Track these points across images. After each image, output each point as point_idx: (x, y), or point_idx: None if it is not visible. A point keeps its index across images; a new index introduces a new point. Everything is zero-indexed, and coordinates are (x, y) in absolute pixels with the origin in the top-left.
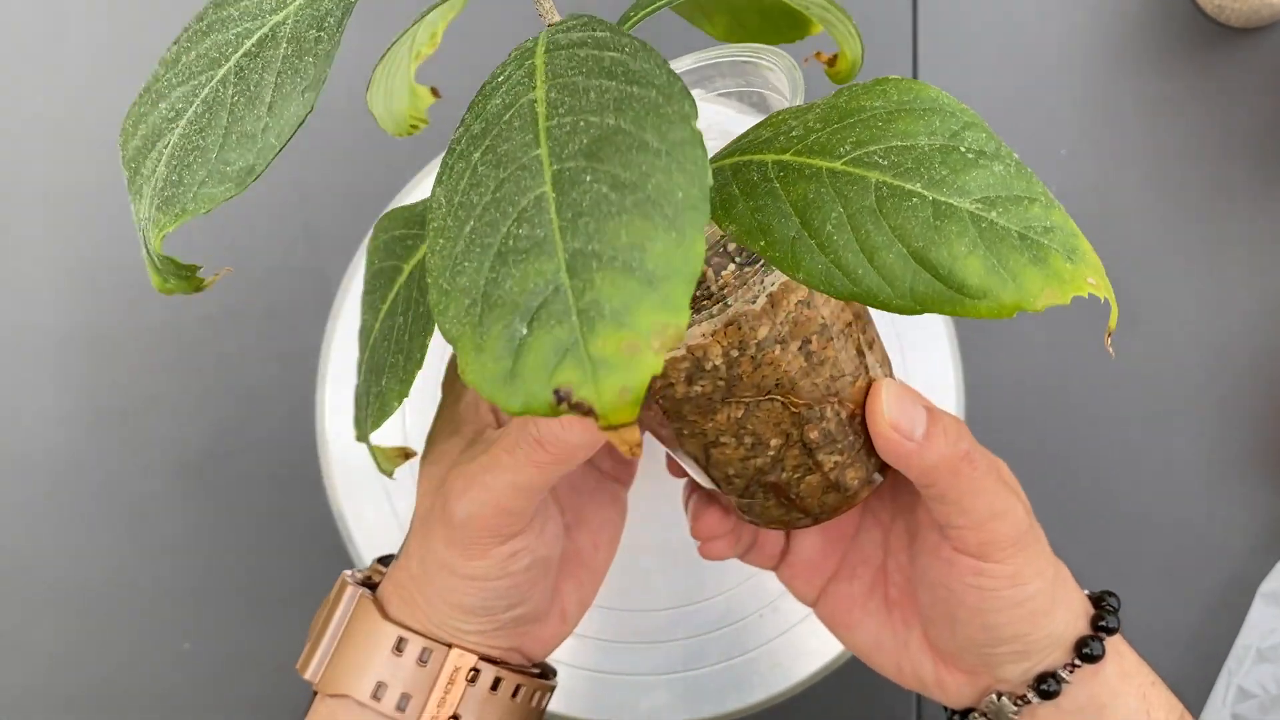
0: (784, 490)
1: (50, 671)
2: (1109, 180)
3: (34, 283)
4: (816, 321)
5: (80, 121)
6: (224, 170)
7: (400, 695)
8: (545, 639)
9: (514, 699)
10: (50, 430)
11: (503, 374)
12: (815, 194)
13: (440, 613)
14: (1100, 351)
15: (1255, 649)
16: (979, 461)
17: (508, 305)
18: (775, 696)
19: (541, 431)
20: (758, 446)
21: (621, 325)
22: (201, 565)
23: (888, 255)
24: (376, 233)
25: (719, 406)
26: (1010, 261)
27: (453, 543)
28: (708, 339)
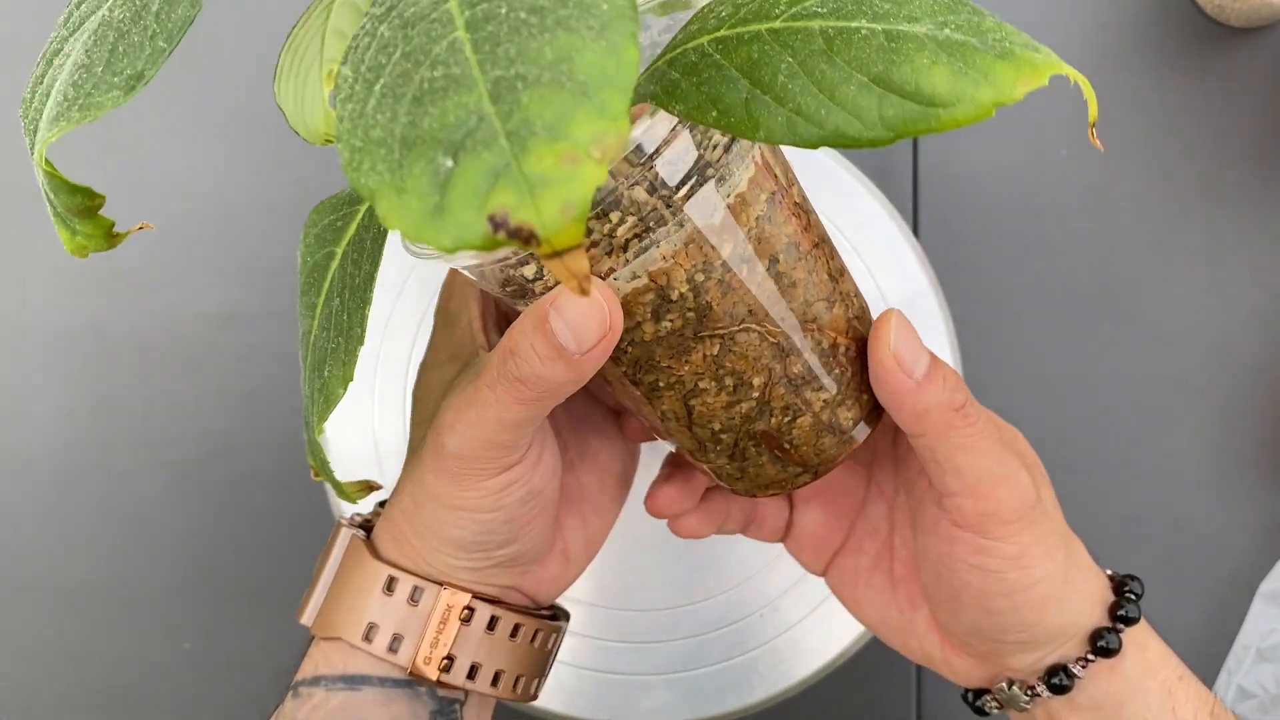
0: (776, 440)
1: (50, 671)
2: (1109, 180)
3: (34, 282)
4: (781, 239)
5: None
6: (111, 80)
7: (392, 636)
8: (547, 579)
9: (513, 639)
10: (50, 430)
11: (430, 210)
12: (759, 53)
13: (431, 548)
14: (1100, 351)
15: (1255, 649)
16: (974, 416)
17: (428, 142)
18: (775, 696)
19: (521, 369)
20: (740, 388)
21: (557, 138)
22: (201, 565)
23: (848, 88)
24: (306, 230)
25: (692, 345)
26: (977, 61)
27: (443, 473)
28: (669, 262)
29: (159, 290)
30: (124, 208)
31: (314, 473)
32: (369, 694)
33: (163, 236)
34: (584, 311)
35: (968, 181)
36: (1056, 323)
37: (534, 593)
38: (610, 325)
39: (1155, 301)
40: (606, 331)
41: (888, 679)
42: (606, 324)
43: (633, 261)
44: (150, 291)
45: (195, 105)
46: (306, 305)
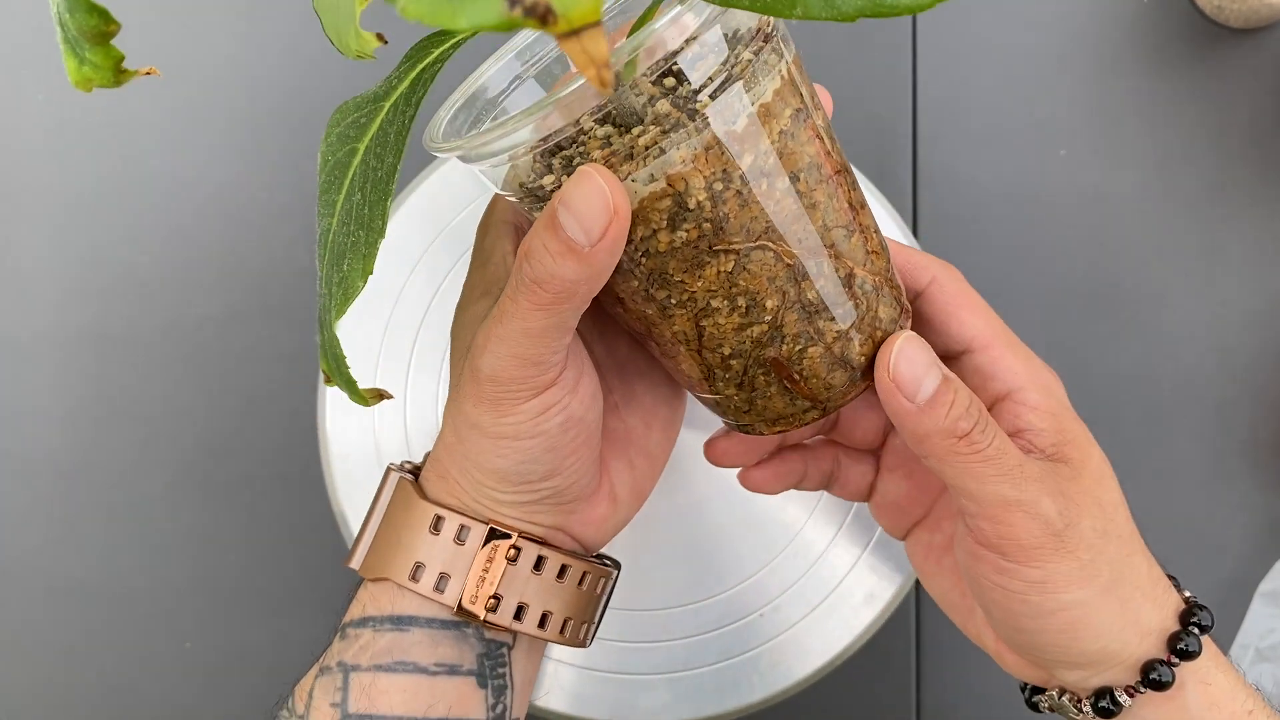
0: (786, 368)
1: (50, 671)
2: (1109, 180)
3: (35, 283)
4: (803, 157)
5: (82, 122)
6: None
7: (439, 575)
8: (594, 520)
9: (560, 580)
10: (50, 430)
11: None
12: None
13: (475, 482)
14: (1100, 352)
15: (1254, 648)
16: (982, 444)
17: None
18: (775, 696)
19: (535, 270)
20: (753, 310)
21: None
22: (201, 565)
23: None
24: (329, 130)
25: (707, 259)
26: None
27: (481, 399)
28: (688, 166)
29: (159, 290)
30: (124, 207)
31: (326, 378)
32: (416, 634)
33: (163, 237)
34: (586, 196)
35: (967, 182)
36: (1056, 323)
37: (581, 534)
38: (614, 211)
39: (1155, 301)
40: (612, 218)
41: (888, 679)
42: (610, 208)
43: (651, 164)
44: (150, 291)
45: (196, 105)
46: (326, 204)
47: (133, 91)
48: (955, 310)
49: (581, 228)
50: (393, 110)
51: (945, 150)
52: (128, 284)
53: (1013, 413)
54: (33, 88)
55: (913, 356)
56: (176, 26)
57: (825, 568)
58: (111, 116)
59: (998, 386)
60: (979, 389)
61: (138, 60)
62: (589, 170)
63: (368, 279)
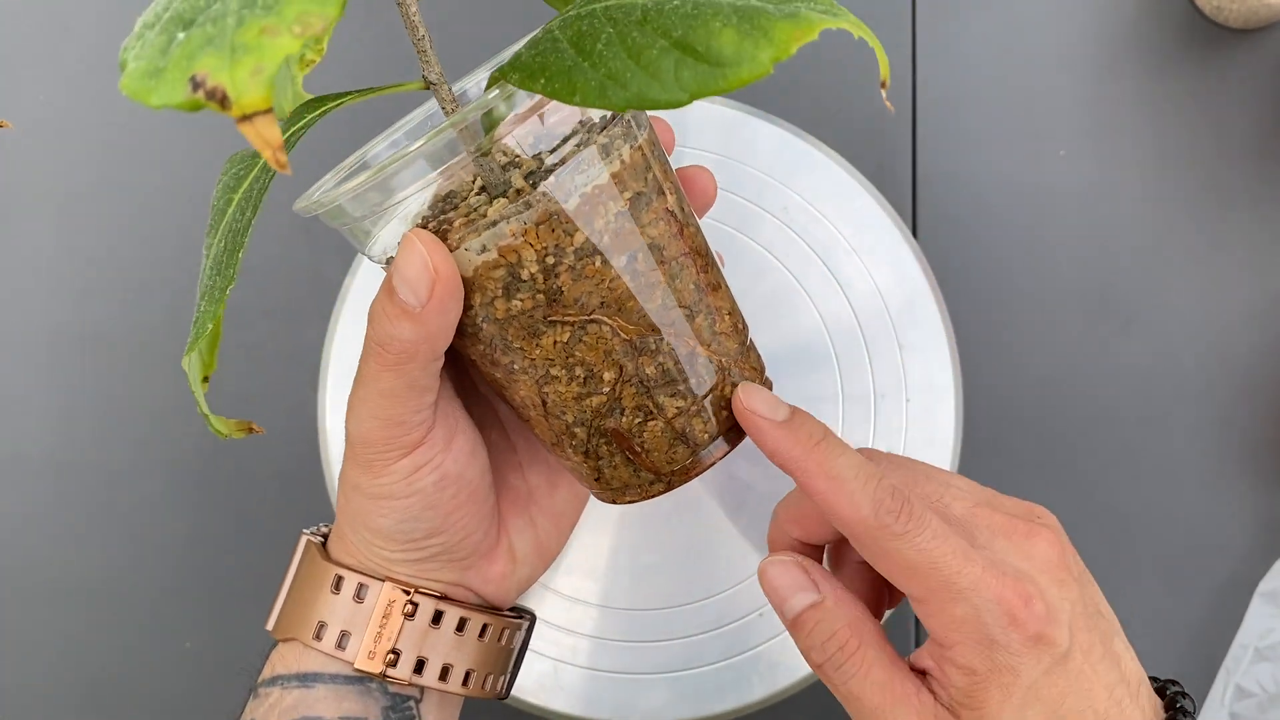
0: (627, 440)
1: (50, 671)
2: (1108, 180)
3: (34, 283)
4: (641, 238)
5: (82, 121)
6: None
7: (340, 633)
8: (493, 577)
9: (460, 633)
10: (49, 430)
11: (150, 72)
12: (589, 26)
13: (365, 541)
14: (1099, 351)
15: (1253, 648)
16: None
17: (175, 20)
18: (775, 695)
19: (377, 333)
20: (590, 380)
21: (269, 14)
22: (201, 565)
23: (651, 52)
24: (220, 177)
25: (543, 329)
26: (761, 23)
27: (355, 461)
28: (518, 239)
29: (159, 290)
30: (124, 208)
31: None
32: (321, 691)
33: (163, 237)
34: (411, 261)
35: (966, 182)
36: (1055, 323)
37: (482, 591)
38: (435, 273)
39: (1154, 301)
40: (434, 279)
41: None
42: (431, 271)
43: (483, 234)
44: (150, 292)
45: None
46: (207, 245)
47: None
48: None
49: (411, 290)
50: (261, 169)
51: (945, 150)
52: (127, 284)
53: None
54: (33, 87)
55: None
56: None
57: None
58: (112, 116)
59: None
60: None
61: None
62: (410, 237)
63: (217, 321)
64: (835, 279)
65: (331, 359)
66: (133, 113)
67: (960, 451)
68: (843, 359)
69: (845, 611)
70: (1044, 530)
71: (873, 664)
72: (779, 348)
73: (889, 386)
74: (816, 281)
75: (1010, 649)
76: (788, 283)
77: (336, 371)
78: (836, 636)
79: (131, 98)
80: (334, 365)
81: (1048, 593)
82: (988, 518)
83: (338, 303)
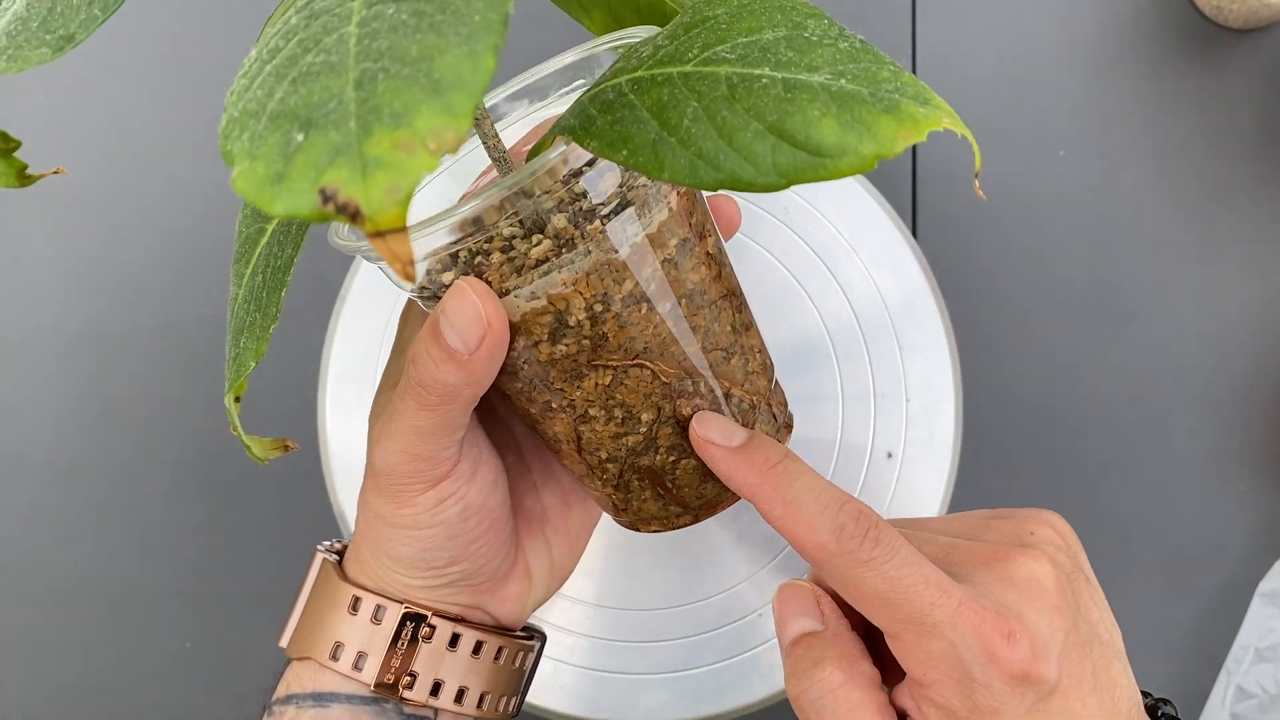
0: (659, 477)
1: (51, 671)
2: (1108, 180)
3: (35, 283)
4: (685, 285)
5: (82, 121)
6: (43, 37)
7: (357, 654)
8: (509, 599)
9: (476, 656)
10: (50, 430)
11: (272, 176)
12: (669, 96)
13: (385, 567)
14: (1099, 351)
15: (1254, 649)
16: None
17: (288, 117)
18: (775, 695)
19: (420, 374)
20: (629, 421)
21: (399, 126)
22: (201, 565)
23: (745, 135)
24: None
25: (586, 371)
26: (863, 115)
27: (380, 491)
28: (568, 288)
29: (159, 291)
30: (124, 207)
31: (232, 428)
32: (337, 711)
33: (163, 237)
34: (462, 310)
35: (966, 183)
36: (1055, 323)
37: (498, 613)
38: (488, 323)
39: (1154, 301)
40: (485, 330)
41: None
42: (484, 321)
43: (535, 282)
44: (150, 292)
45: (196, 105)
46: (236, 274)
47: (133, 91)
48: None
49: (459, 337)
50: None
51: (945, 150)
52: (128, 284)
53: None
54: (33, 87)
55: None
56: (179, 24)
57: None
58: (112, 116)
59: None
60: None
61: (142, 56)
62: (463, 285)
63: (259, 359)
64: (835, 279)
65: (332, 360)
66: (132, 113)
67: (960, 451)
68: (843, 359)
69: (839, 645)
70: (1032, 554)
71: (856, 706)
72: (779, 348)
73: (889, 386)
74: (816, 281)
75: (991, 688)
76: (788, 283)
77: (336, 373)
78: (821, 666)
79: (250, 201)
80: (334, 366)
81: (1035, 625)
82: (966, 551)
83: (337, 304)
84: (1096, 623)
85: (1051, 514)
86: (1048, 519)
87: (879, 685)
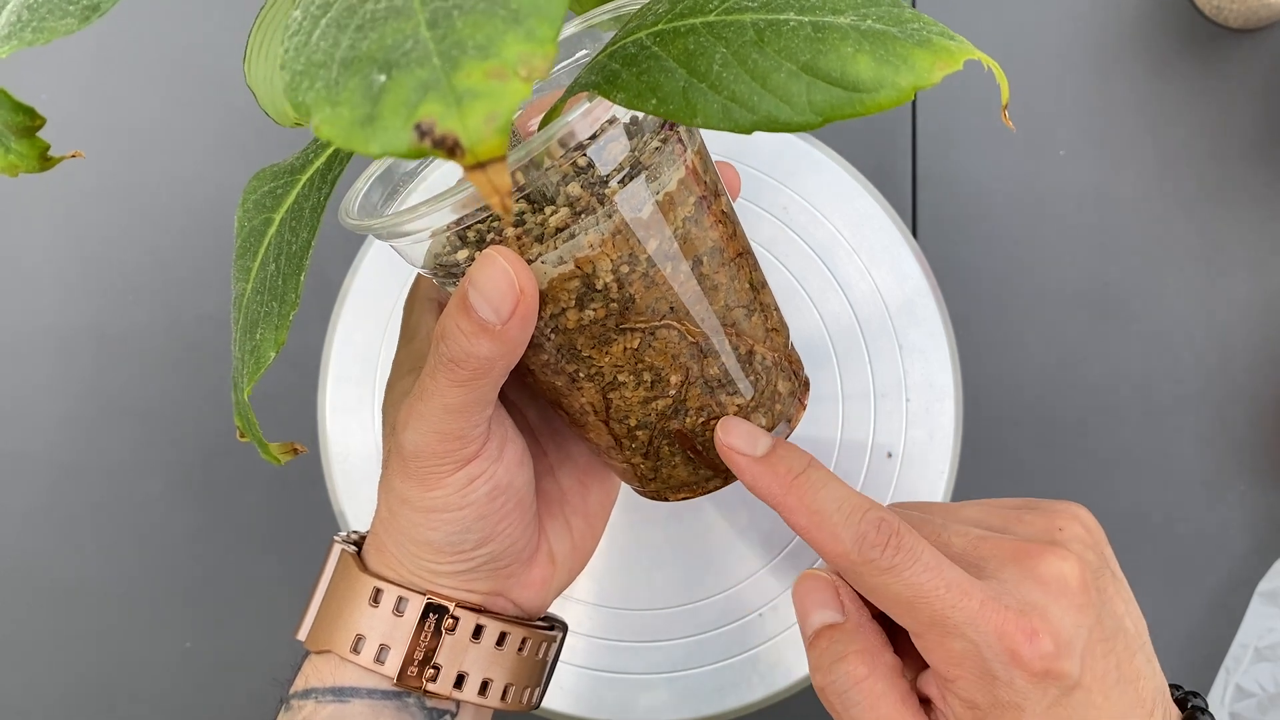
0: (690, 439)
1: (51, 671)
2: (1108, 180)
3: (35, 283)
4: (705, 242)
5: (82, 122)
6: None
7: (379, 647)
8: (534, 583)
9: (499, 647)
10: (50, 430)
11: (361, 119)
12: (695, 44)
13: (410, 555)
14: (1099, 352)
15: (1253, 648)
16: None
17: (365, 61)
18: (775, 695)
19: (451, 350)
20: (658, 384)
21: (487, 56)
22: (201, 565)
23: (779, 76)
24: (245, 196)
25: (614, 336)
26: (897, 49)
27: (407, 475)
28: (595, 250)
29: (159, 290)
30: (124, 207)
31: (240, 433)
32: (357, 705)
33: (163, 237)
34: (493, 278)
35: (966, 182)
36: (1055, 323)
37: (520, 599)
38: (521, 291)
39: (1154, 301)
40: (519, 297)
41: None
42: (516, 289)
43: (560, 247)
44: (150, 292)
45: (196, 105)
46: (241, 269)
47: (133, 92)
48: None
49: (491, 307)
50: (308, 185)
51: (945, 150)
52: (128, 283)
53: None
54: (33, 86)
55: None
56: (179, 24)
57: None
58: (112, 116)
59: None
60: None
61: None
62: (492, 253)
63: (280, 348)
64: (835, 279)
65: (332, 359)
66: (132, 113)
67: (960, 451)
68: (843, 359)
69: (862, 638)
70: (1059, 552)
71: (879, 697)
72: None
73: (889, 386)
74: (816, 281)
75: (1013, 685)
76: (788, 283)
77: (336, 372)
78: (846, 661)
79: (341, 144)
80: (334, 366)
81: (1060, 623)
82: (994, 546)
83: (337, 303)
84: (1122, 616)
85: (1080, 508)
86: (1076, 513)
87: (901, 673)
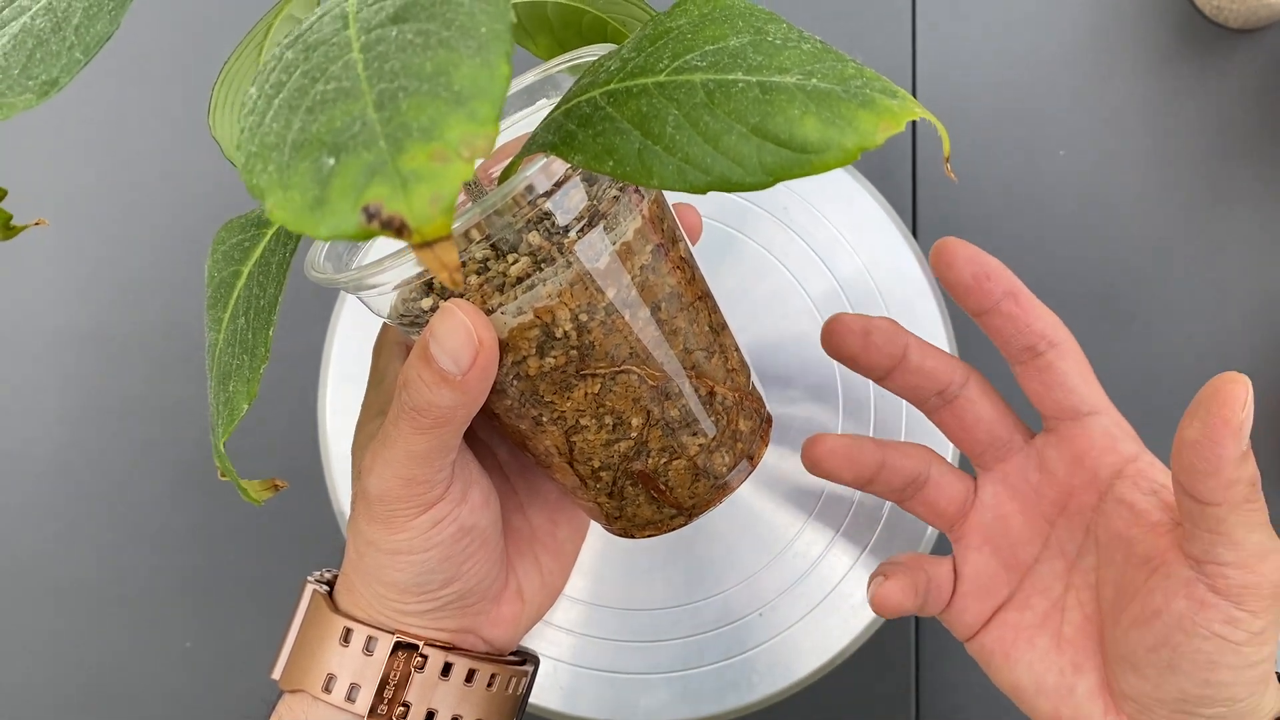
0: (652, 480)
1: (50, 671)
2: (1108, 180)
3: (35, 283)
4: (663, 288)
5: (82, 122)
6: (26, 84)
7: (349, 685)
8: (501, 620)
9: (469, 684)
10: (50, 430)
11: (310, 203)
12: (648, 106)
13: (378, 595)
14: (1100, 351)
15: None
16: (1257, 495)
17: (314, 144)
18: (775, 695)
19: (414, 398)
20: (619, 427)
21: (430, 139)
22: (201, 565)
23: (730, 138)
24: (215, 246)
25: (575, 382)
26: (842, 111)
27: (373, 519)
28: (554, 300)
29: (159, 291)
30: (124, 207)
31: (220, 473)
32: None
33: (163, 238)
34: (453, 331)
35: (966, 183)
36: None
37: (490, 635)
38: (479, 342)
39: (1155, 301)
40: (478, 349)
41: (887, 679)
42: (475, 341)
43: (520, 297)
44: (150, 292)
45: (196, 105)
46: (213, 319)
47: (133, 92)
48: (1085, 377)
49: (451, 359)
50: (274, 240)
51: (943, 151)
52: (128, 284)
53: (1148, 475)
54: None
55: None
56: (179, 25)
57: (824, 567)
58: (112, 116)
59: (1130, 448)
60: (1109, 450)
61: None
62: (451, 306)
63: (253, 400)
64: (835, 279)
65: (332, 360)
66: (132, 113)
67: (960, 452)
68: None
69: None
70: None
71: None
72: (778, 348)
73: None
74: (816, 281)
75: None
76: (788, 283)
77: (336, 372)
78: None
79: (292, 228)
80: (334, 366)
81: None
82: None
83: (337, 304)
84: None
85: None
86: None
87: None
